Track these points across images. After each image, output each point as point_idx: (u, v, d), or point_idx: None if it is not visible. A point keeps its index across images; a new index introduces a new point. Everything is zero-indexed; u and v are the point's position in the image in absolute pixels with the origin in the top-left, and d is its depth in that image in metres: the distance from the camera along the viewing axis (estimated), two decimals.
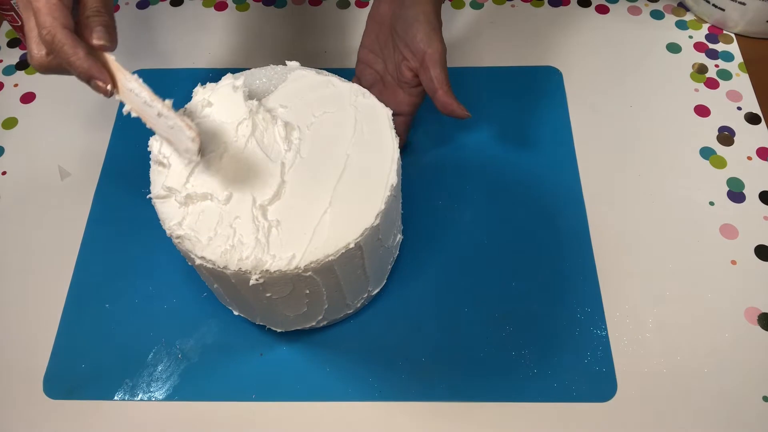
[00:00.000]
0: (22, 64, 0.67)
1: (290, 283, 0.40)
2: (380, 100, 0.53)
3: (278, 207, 0.41)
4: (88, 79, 0.38)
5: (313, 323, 0.47)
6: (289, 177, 0.42)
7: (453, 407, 0.47)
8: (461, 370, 0.48)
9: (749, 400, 0.47)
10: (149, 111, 0.40)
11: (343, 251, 0.39)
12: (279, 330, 0.48)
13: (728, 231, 0.54)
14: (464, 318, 0.50)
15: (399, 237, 0.50)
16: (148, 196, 0.41)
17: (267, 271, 0.38)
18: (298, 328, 0.48)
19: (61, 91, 0.65)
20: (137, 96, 0.39)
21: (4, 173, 0.59)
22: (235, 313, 0.49)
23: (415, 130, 0.59)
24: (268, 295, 0.41)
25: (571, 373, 0.48)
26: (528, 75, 0.64)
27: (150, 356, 0.50)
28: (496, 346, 0.49)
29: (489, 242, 0.54)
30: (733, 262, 0.53)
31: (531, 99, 0.62)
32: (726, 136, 0.59)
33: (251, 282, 0.39)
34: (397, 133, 0.55)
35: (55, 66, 0.39)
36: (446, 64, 0.49)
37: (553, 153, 0.59)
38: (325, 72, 0.47)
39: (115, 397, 0.48)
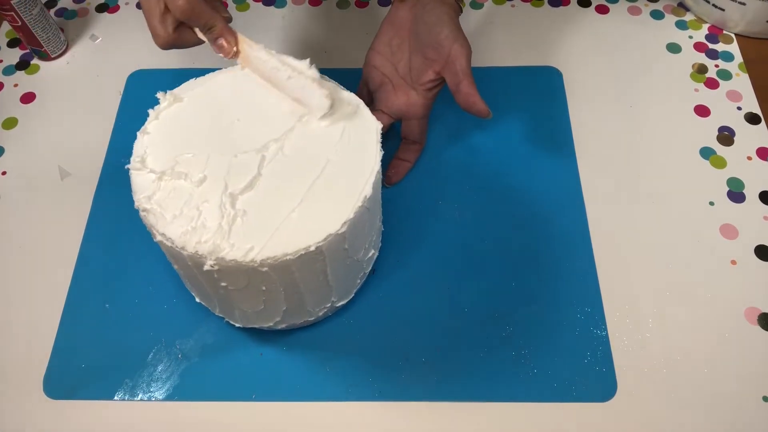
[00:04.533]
0: (22, 64, 0.67)
1: (246, 276, 0.40)
2: (388, 101, 0.54)
3: (248, 198, 0.41)
4: (217, 38, 0.44)
5: (271, 323, 0.47)
6: (266, 171, 0.42)
7: (453, 407, 0.47)
8: (461, 370, 0.48)
9: (749, 400, 0.47)
10: (278, 75, 0.44)
11: (303, 252, 0.39)
12: (237, 325, 0.49)
13: (728, 231, 0.54)
14: (464, 318, 0.50)
15: (372, 253, 0.49)
16: (126, 167, 0.42)
17: (222, 258, 0.38)
18: (256, 326, 0.48)
19: (61, 91, 0.65)
20: (264, 63, 0.44)
21: (4, 173, 0.59)
22: (197, 300, 0.49)
23: None
24: (223, 284, 0.41)
25: (571, 373, 0.48)
26: (528, 75, 0.64)
27: (150, 356, 0.50)
28: (496, 346, 0.49)
29: (489, 242, 0.54)
30: (733, 262, 0.53)
31: (531, 99, 0.62)
32: (726, 136, 0.59)
33: (205, 267, 0.39)
34: (413, 137, 0.56)
35: (178, 41, 0.44)
36: (470, 62, 0.49)
37: (553, 153, 0.59)
38: (333, 82, 0.47)
39: (115, 397, 0.48)
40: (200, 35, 0.45)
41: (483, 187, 0.57)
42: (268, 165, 0.42)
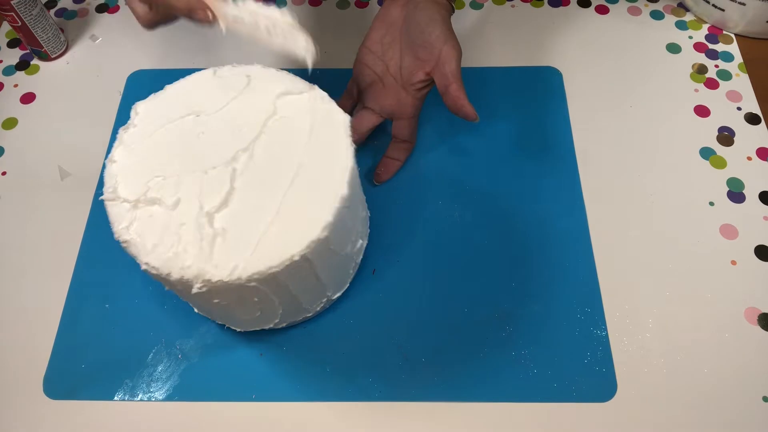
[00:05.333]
0: (22, 64, 0.67)
1: (236, 292, 0.40)
2: (379, 100, 0.53)
3: (225, 215, 0.40)
4: (189, 13, 0.42)
5: (271, 325, 0.47)
6: (239, 184, 0.41)
7: (453, 407, 0.47)
8: (461, 370, 0.48)
9: (749, 400, 0.47)
10: (258, 32, 0.43)
11: (288, 263, 0.39)
12: (239, 330, 0.49)
13: (728, 231, 0.54)
14: (464, 318, 0.50)
15: (361, 243, 0.49)
16: (100, 198, 0.42)
17: (209, 280, 0.38)
18: (257, 328, 0.48)
19: (61, 91, 0.65)
20: (242, 21, 0.43)
21: (4, 173, 0.59)
22: (195, 310, 0.49)
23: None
24: (216, 301, 0.41)
25: (571, 373, 0.48)
26: (528, 75, 0.64)
27: (150, 356, 0.50)
28: (496, 346, 0.49)
29: (489, 242, 0.54)
30: (733, 262, 0.53)
31: (531, 99, 0.62)
32: (726, 136, 0.59)
33: (193, 290, 0.39)
34: (403, 136, 0.56)
35: (160, 18, 0.44)
36: (460, 64, 0.49)
37: (553, 153, 0.59)
38: (290, 74, 0.47)
39: (115, 397, 0.48)
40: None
41: (483, 187, 0.57)
42: (240, 177, 0.41)
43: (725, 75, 0.63)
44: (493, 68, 0.64)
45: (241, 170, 0.42)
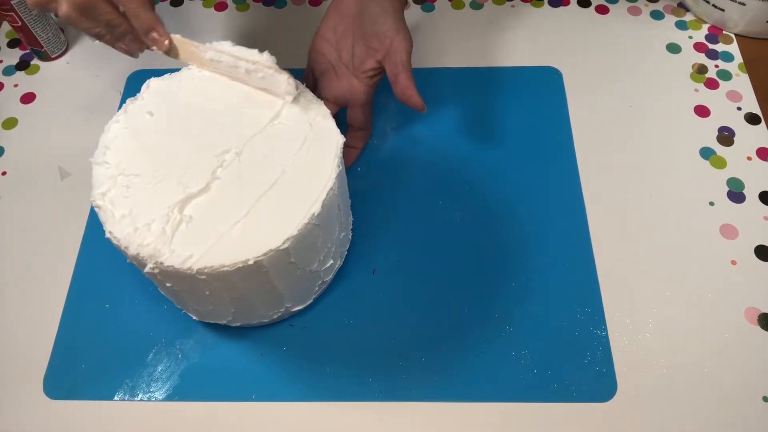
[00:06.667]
0: (22, 64, 0.67)
1: (187, 281, 0.40)
2: (332, 89, 0.54)
3: (198, 203, 0.41)
4: (148, 31, 0.44)
5: (223, 321, 0.47)
6: (221, 177, 0.42)
7: (453, 407, 0.47)
8: (461, 370, 0.48)
9: (749, 400, 0.47)
10: (236, 72, 0.45)
11: (241, 265, 0.39)
12: (194, 318, 0.49)
13: (728, 231, 0.54)
14: (464, 318, 0.50)
15: (331, 263, 0.48)
16: (89, 159, 0.43)
17: (161, 263, 0.39)
18: (211, 321, 0.48)
19: (61, 91, 0.65)
20: (219, 62, 0.44)
21: (4, 173, 0.59)
22: (159, 289, 0.49)
23: (413, 129, 0.59)
24: (168, 284, 0.41)
25: (571, 373, 0.48)
26: (528, 75, 0.64)
27: (150, 356, 0.50)
28: (496, 346, 0.49)
29: (489, 242, 0.54)
30: (733, 262, 0.53)
31: (531, 99, 0.62)
32: (726, 136, 0.59)
33: (146, 270, 0.39)
34: (358, 124, 0.56)
35: (85, 15, 0.42)
36: (411, 56, 0.50)
37: (553, 153, 0.59)
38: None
39: (115, 397, 0.48)
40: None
41: (483, 187, 0.57)
42: (224, 172, 0.42)
43: (725, 75, 0.63)
44: (493, 68, 0.64)
45: (227, 165, 0.42)
